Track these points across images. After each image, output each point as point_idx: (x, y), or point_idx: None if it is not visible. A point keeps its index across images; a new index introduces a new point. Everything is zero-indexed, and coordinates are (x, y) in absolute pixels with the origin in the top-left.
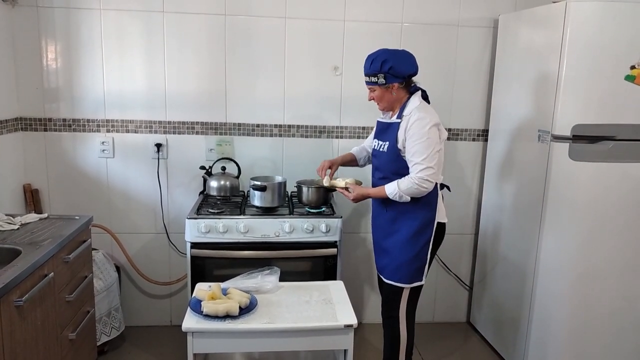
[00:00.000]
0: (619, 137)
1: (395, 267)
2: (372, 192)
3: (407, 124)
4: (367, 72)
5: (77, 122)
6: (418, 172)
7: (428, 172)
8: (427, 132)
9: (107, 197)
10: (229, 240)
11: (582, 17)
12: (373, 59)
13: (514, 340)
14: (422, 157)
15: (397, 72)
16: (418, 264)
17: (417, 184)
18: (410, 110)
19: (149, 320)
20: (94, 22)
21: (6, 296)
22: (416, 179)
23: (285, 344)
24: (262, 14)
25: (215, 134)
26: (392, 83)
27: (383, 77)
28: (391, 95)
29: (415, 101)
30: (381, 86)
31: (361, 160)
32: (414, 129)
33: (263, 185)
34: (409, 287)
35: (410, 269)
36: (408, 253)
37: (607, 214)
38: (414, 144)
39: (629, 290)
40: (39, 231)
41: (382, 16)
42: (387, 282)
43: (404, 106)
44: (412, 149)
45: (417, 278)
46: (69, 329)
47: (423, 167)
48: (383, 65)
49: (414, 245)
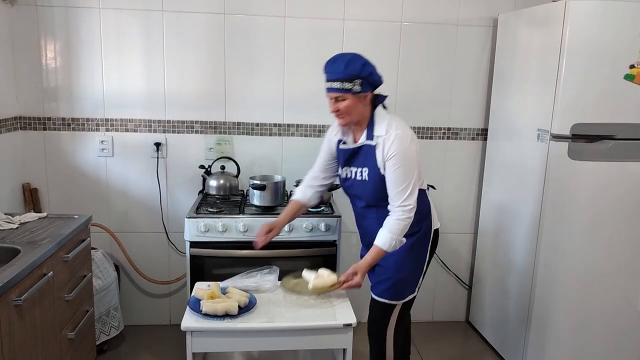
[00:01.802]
0: (618, 136)
1: (391, 285)
2: (370, 258)
3: (385, 145)
4: (339, 77)
5: (77, 121)
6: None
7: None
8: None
9: (107, 196)
10: (228, 240)
11: (581, 16)
12: (348, 60)
13: (513, 339)
14: (403, 187)
15: (374, 80)
16: (414, 277)
17: (403, 225)
18: (385, 129)
19: (148, 320)
20: (93, 21)
21: (5, 295)
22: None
23: (284, 343)
24: (261, 13)
25: (215, 133)
26: (366, 92)
27: (360, 83)
28: (363, 107)
29: (383, 115)
30: (355, 94)
31: (310, 201)
32: (400, 153)
33: (262, 185)
34: (402, 302)
35: (406, 285)
36: (405, 272)
37: (606, 213)
38: (400, 171)
39: (628, 289)
40: (38, 230)
41: (381, 15)
42: (379, 300)
43: (372, 123)
44: (396, 177)
45: (411, 291)
46: (68, 328)
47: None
48: (363, 69)
49: (412, 263)
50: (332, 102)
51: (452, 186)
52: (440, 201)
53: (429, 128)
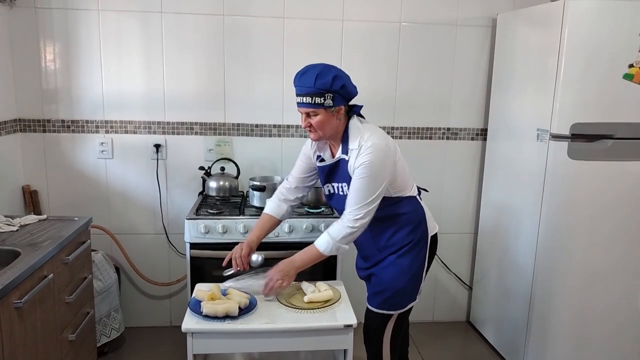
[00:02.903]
0: (618, 135)
1: (389, 297)
2: (304, 258)
3: (358, 157)
4: (310, 91)
5: (76, 123)
6: (351, 212)
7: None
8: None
9: (106, 198)
10: (228, 241)
11: (580, 16)
12: (317, 73)
13: (514, 339)
14: (364, 197)
15: (347, 93)
16: (413, 287)
17: (349, 232)
18: (357, 143)
19: (149, 321)
20: (92, 22)
21: (5, 298)
22: (348, 221)
23: (285, 344)
24: (260, 14)
25: (214, 134)
26: (339, 105)
27: (331, 97)
28: (336, 122)
29: (357, 128)
30: (327, 109)
31: (284, 218)
32: (367, 166)
33: (262, 186)
34: (401, 311)
35: (404, 295)
36: (403, 281)
37: (606, 212)
38: (364, 182)
39: (628, 288)
40: (38, 232)
41: (380, 16)
42: (376, 311)
43: (346, 137)
44: (359, 185)
45: (412, 299)
46: (68, 330)
47: (358, 206)
48: (334, 82)
49: (409, 272)
50: (304, 118)
51: (452, 186)
52: (440, 201)
53: (428, 128)
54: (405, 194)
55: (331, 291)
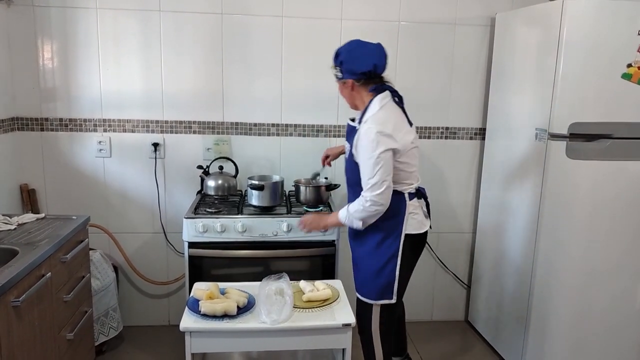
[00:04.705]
0: (616, 135)
1: (362, 281)
2: (330, 219)
3: (359, 133)
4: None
5: (74, 121)
6: (365, 192)
7: (375, 191)
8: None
9: (105, 197)
10: (226, 240)
11: (578, 15)
12: (336, 50)
13: (512, 338)
14: (367, 177)
15: (347, 69)
16: (385, 280)
17: (363, 208)
18: (365, 119)
19: (147, 320)
20: (90, 21)
21: (3, 296)
22: (364, 201)
23: (283, 343)
24: (259, 13)
25: (213, 133)
26: (346, 79)
27: (339, 70)
28: (350, 92)
29: (374, 106)
30: (339, 80)
31: None
32: (361, 145)
33: (261, 185)
34: (378, 304)
35: (377, 285)
36: (372, 266)
37: (604, 212)
38: (362, 161)
39: (626, 288)
40: (36, 231)
41: (379, 15)
42: (357, 296)
43: (366, 110)
44: (361, 167)
45: (387, 295)
46: (66, 329)
47: (368, 185)
48: (336, 58)
49: (378, 258)
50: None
51: (450, 186)
52: (439, 200)
53: (427, 128)
54: (397, 187)
55: (329, 290)
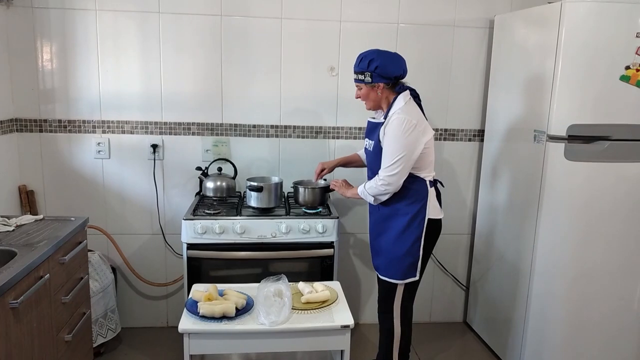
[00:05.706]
0: (614, 137)
1: (388, 264)
2: (352, 191)
3: (387, 125)
4: (355, 70)
5: (73, 123)
6: (380, 172)
7: (388, 173)
8: (401, 135)
9: (103, 199)
10: (225, 241)
11: (577, 18)
12: (362, 57)
13: (510, 340)
14: (388, 160)
15: (383, 73)
16: (410, 260)
17: (375, 186)
18: (394, 111)
19: (145, 322)
20: (89, 23)
21: (1, 298)
22: (378, 179)
23: (281, 345)
24: (258, 15)
25: (212, 134)
26: (377, 83)
27: (369, 75)
28: (376, 95)
29: (400, 102)
30: (367, 85)
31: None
32: (389, 130)
33: (259, 186)
34: (403, 282)
35: (403, 265)
36: (399, 249)
37: (603, 214)
38: (386, 145)
39: (625, 290)
40: (34, 232)
41: (378, 17)
42: (382, 278)
43: (391, 106)
44: (384, 150)
45: (411, 274)
46: (64, 331)
47: (385, 167)
48: (370, 64)
49: (405, 241)
50: (357, 90)
51: (449, 187)
52: None
53: None
54: (420, 174)
55: (328, 292)
